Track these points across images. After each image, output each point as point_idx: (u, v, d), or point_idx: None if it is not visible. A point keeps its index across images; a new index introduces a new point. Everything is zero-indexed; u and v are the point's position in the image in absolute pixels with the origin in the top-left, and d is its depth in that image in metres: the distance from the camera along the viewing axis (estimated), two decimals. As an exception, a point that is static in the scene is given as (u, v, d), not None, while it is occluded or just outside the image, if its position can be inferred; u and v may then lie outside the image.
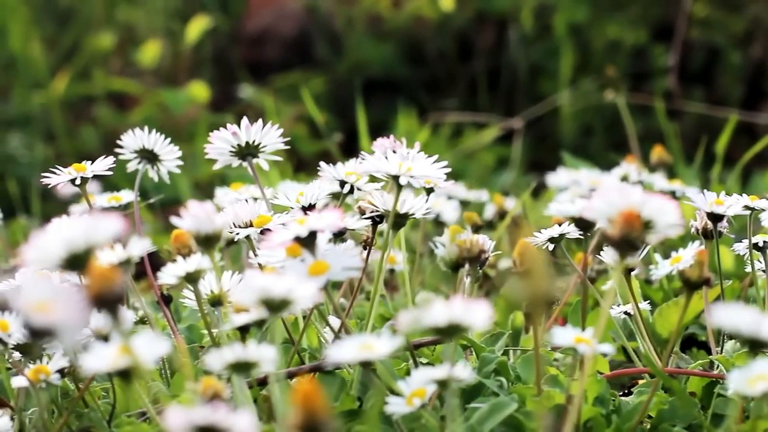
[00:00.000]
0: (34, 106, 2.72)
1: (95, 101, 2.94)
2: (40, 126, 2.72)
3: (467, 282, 1.34)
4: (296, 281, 0.95)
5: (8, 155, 2.58)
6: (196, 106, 2.75)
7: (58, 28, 3.18)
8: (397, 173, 1.20)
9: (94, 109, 2.92)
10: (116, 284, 0.81)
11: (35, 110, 2.71)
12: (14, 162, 2.59)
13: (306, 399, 0.80)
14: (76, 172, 1.28)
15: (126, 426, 1.16)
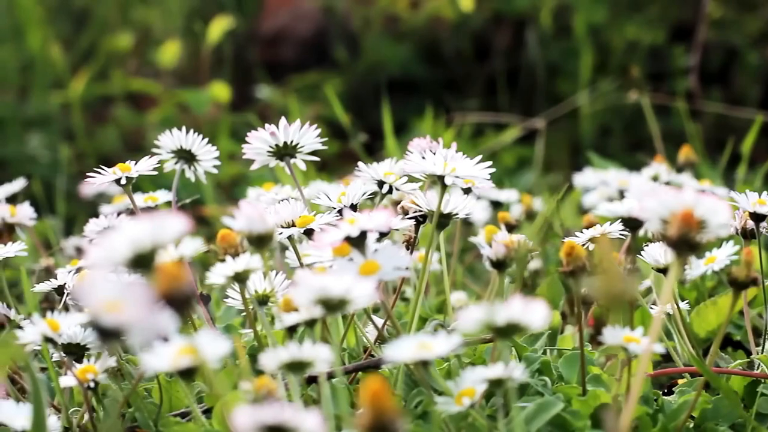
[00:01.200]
0: (53, 106, 2.73)
1: (112, 102, 2.94)
2: (59, 126, 2.73)
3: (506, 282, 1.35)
4: (354, 281, 0.95)
5: (29, 155, 2.58)
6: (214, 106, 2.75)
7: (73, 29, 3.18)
8: (443, 173, 1.20)
9: (111, 109, 2.92)
10: (185, 283, 0.81)
11: (54, 111, 2.71)
12: (35, 162, 2.60)
13: (375, 398, 0.80)
14: (121, 171, 1.28)
15: (173, 426, 1.17)
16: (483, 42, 2.98)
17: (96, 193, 2.22)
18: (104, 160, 2.77)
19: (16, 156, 2.60)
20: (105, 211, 1.76)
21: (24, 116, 2.63)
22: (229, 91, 2.61)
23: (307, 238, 1.27)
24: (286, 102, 2.80)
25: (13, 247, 1.34)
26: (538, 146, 2.24)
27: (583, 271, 1.14)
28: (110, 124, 2.81)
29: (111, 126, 2.78)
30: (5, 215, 1.56)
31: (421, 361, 0.96)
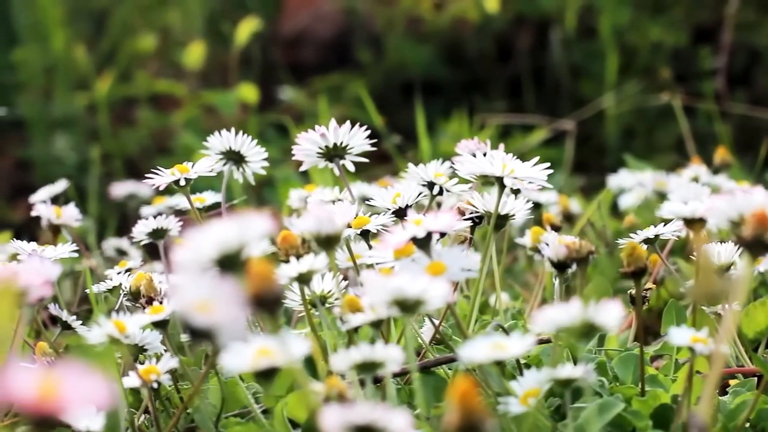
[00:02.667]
0: (77, 107, 2.73)
1: (135, 103, 2.94)
2: (84, 127, 2.73)
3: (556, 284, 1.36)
4: (429, 281, 0.95)
5: (55, 157, 2.58)
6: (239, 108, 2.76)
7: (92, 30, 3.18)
8: (501, 174, 1.20)
9: (134, 111, 2.92)
10: (275, 284, 0.82)
11: (79, 112, 2.71)
12: (61, 163, 2.60)
13: (463, 398, 0.81)
14: (179, 173, 1.28)
15: (234, 426, 1.17)
16: (505, 43, 2.98)
17: (126, 194, 2.22)
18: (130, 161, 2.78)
19: (42, 157, 2.61)
20: (146, 213, 1.76)
21: (49, 117, 2.63)
22: (256, 92, 2.61)
23: (362, 240, 1.28)
24: (309, 103, 2.80)
25: (64, 248, 1.34)
26: (567, 147, 2.25)
27: (645, 271, 1.14)
28: (135, 126, 2.82)
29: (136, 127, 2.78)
30: (51, 216, 1.56)
31: (495, 360, 0.96)
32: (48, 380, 0.64)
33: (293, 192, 1.69)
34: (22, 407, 0.65)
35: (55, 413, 0.65)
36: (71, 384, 0.64)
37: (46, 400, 0.64)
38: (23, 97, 2.68)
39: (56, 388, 0.64)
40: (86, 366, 0.65)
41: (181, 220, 1.47)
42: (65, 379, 0.65)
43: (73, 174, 2.67)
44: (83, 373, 0.65)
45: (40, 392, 0.64)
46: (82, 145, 2.65)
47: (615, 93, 2.65)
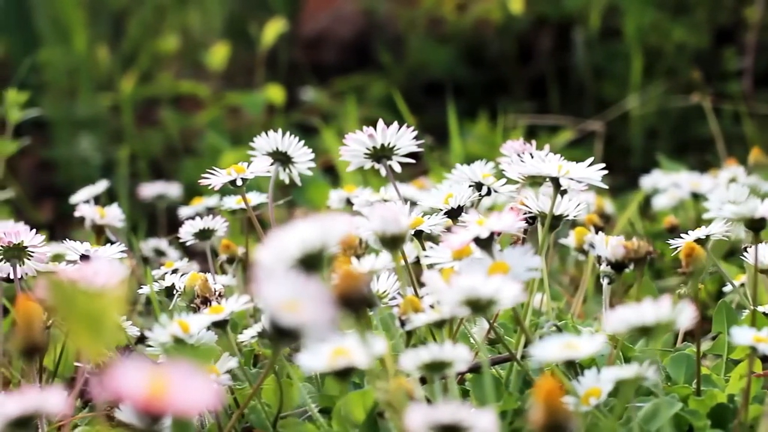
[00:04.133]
0: (101, 108, 2.73)
1: (157, 104, 2.94)
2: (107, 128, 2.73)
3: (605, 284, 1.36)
4: (503, 282, 0.96)
5: (80, 157, 2.59)
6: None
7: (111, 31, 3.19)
8: (557, 175, 1.21)
9: (156, 112, 2.92)
10: (363, 284, 0.82)
11: (102, 113, 2.72)
12: (86, 164, 2.60)
13: (549, 397, 0.81)
14: (236, 173, 1.29)
15: (292, 426, 1.17)
16: (526, 44, 2.99)
17: (154, 195, 2.22)
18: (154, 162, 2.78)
19: (66, 158, 2.61)
20: (184, 213, 1.76)
21: (73, 118, 2.63)
22: (283, 93, 2.61)
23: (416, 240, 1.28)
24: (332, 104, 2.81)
25: (114, 249, 1.34)
26: (596, 148, 2.25)
27: (703, 271, 1.15)
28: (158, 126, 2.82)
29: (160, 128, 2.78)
30: (95, 217, 1.56)
31: (567, 360, 0.97)
32: (157, 379, 0.65)
33: (333, 193, 1.70)
34: (132, 405, 0.65)
35: (164, 412, 0.65)
36: (179, 383, 0.65)
37: (155, 399, 0.64)
38: (46, 98, 2.68)
39: (165, 388, 0.64)
40: (191, 365, 0.66)
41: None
42: (174, 379, 0.65)
43: (98, 175, 2.68)
44: (190, 372, 0.65)
45: (150, 391, 0.64)
46: (106, 145, 2.66)
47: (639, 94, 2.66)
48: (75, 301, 0.62)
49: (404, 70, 2.98)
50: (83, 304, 0.62)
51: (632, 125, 2.66)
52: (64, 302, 0.62)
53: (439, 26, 3.01)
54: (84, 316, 0.62)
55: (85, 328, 0.62)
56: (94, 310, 0.62)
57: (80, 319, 0.62)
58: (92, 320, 0.62)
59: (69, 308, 0.62)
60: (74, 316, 0.62)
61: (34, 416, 0.82)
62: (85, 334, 0.62)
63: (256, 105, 2.57)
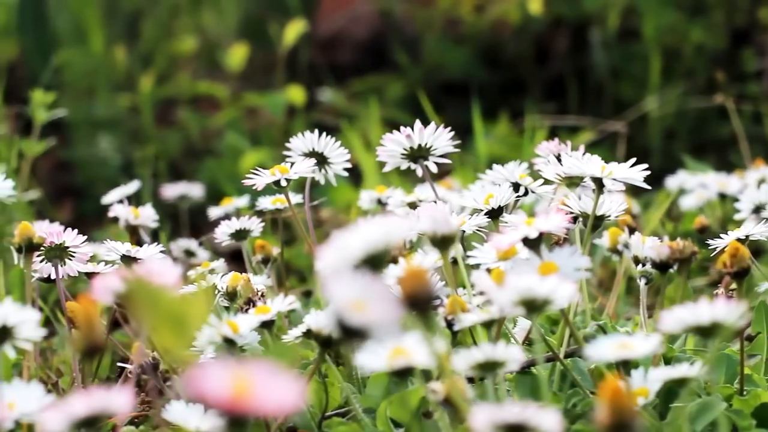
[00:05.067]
0: (119, 109, 2.73)
1: (174, 105, 2.95)
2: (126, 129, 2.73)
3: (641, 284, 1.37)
4: (558, 281, 0.96)
5: (100, 158, 2.59)
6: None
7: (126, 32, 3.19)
8: (600, 176, 1.21)
9: (173, 112, 2.93)
10: (430, 284, 0.82)
11: (121, 113, 2.72)
12: (105, 165, 2.60)
13: (615, 397, 0.81)
14: (280, 173, 1.29)
15: (338, 426, 1.18)
16: (543, 45, 2.99)
17: (177, 195, 2.22)
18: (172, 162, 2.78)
19: (85, 158, 2.61)
20: (214, 214, 1.76)
21: (91, 119, 2.63)
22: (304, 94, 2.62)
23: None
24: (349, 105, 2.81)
25: (152, 249, 1.34)
26: (619, 149, 2.26)
27: (748, 272, 1.15)
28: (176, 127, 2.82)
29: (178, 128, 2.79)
30: (129, 217, 1.57)
31: (622, 360, 0.97)
32: (241, 379, 0.65)
33: (363, 193, 1.70)
34: (215, 406, 0.66)
35: (249, 413, 0.66)
36: (263, 383, 0.65)
37: (239, 400, 0.64)
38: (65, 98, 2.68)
39: (249, 388, 0.65)
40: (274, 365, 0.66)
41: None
42: (257, 379, 0.65)
43: (117, 175, 2.68)
44: (274, 372, 0.65)
45: (234, 391, 0.64)
46: (125, 146, 2.66)
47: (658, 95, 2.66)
48: (159, 302, 0.62)
49: (421, 70, 2.98)
50: (167, 305, 0.62)
51: (651, 126, 2.66)
52: (147, 303, 0.62)
53: (456, 27, 3.01)
54: (168, 317, 0.62)
55: (170, 329, 0.62)
56: (179, 311, 0.62)
57: (164, 320, 0.62)
58: (176, 321, 0.62)
59: (153, 309, 0.62)
60: (158, 317, 0.62)
61: (101, 416, 0.82)
62: (170, 335, 0.62)
63: (277, 106, 2.57)
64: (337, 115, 2.82)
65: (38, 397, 0.97)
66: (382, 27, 3.13)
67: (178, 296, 0.63)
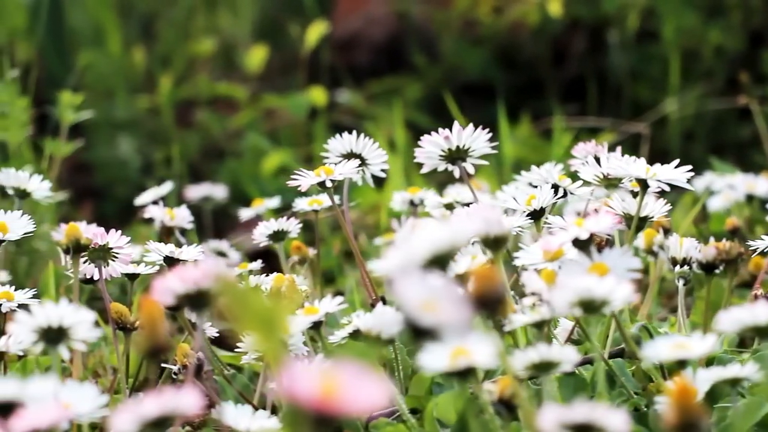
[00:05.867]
0: (139, 110, 2.74)
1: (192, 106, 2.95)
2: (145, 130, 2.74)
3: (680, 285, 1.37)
4: (616, 282, 0.97)
5: (120, 159, 2.59)
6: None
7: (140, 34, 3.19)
8: (645, 177, 1.22)
9: (191, 114, 2.93)
10: (500, 285, 0.83)
11: (140, 115, 2.72)
12: (125, 166, 2.61)
13: (681, 397, 0.82)
14: (325, 174, 1.29)
15: (385, 427, 1.18)
16: (559, 46, 3.00)
17: (201, 196, 2.22)
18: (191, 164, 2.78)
19: (105, 160, 2.62)
20: (244, 215, 1.77)
21: (111, 120, 2.64)
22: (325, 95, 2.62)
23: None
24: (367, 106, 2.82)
25: (195, 250, 1.34)
26: (643, 150, 2.26)
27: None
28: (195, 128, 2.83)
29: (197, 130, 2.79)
30: (165, 218, 1.57)
31: (679, 360, 0.97)
32: (329, 380, 0.65)
33: (396, 194, 1.70)
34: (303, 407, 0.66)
35: (336, 413, 0.66)
36: (350, 384, 0.65)
37: (328, 400, 0.65)
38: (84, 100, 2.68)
39: (337, 388, 0.65)
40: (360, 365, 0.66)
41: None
42: (345, 379, 0.65)
43: (138, 177, 2.68)
44: (361, 373, 0.66)
45: (322, 392, 0.65)
46: (145, 147, 2.66)
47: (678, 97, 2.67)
48: (250, 303, 0.62)
49: (438, 72, 2.98)
50: (258, 307, 0.62)
51: (670, 127, 2.67)
52: (238, 305, 0.62)
53: (473, 28, 3.02)
54: (259, 318, 0.62)
55: (261, 330, 0.63)
56: (268, 312, 0.62)
57: (255, 321, 0.62)
58: (267, 323, 0.63)
59: (244, 311, 0.62)
60: (249, 318, 0.62)
61: (171, 417, 0.83)
62: (261, 337, 0.63)
63: (299, 107, 2.58)
64: (356, 117, 2.82)
65: (93, 398, 0.98)
66: (399, 29, 3.13)
67: (267, 298, 0.63)
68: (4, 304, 1.35)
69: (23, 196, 1.51)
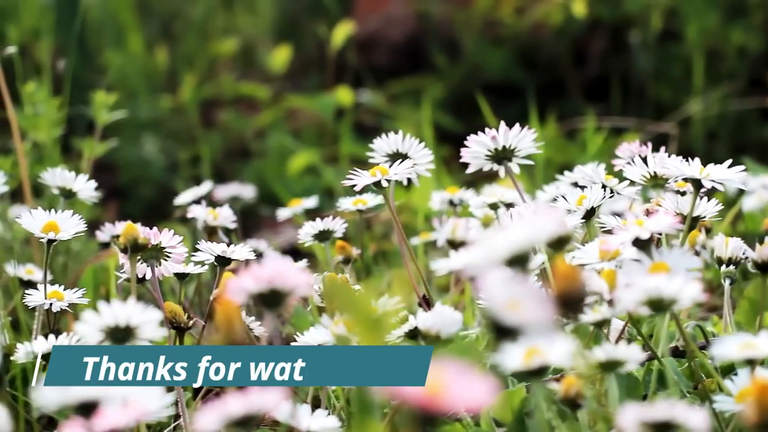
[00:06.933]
0: (162, 110, 2.74)
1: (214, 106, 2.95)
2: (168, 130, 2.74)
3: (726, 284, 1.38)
4: (684, 281, 0.97)
5: (145, 159, 2.60)
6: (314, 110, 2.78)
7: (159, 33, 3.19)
8: (699, 177, 1.23)
9: (213, 114, 2.93)
10: (582, 285, 0.83)
11: (164, 114, 2.73)
12: (149, 166, 2.61)
13: (762, 395, 0.82)
14: (380, 174, 1.30)
15: (444, 426, 1.18)
16: (580, 47, 3.00)
17: (229, 196, 2.22)
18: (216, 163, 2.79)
19: (130, 159, 2.62)
20: (282, 215, 1.77)
21: (134, 120, 2.64)
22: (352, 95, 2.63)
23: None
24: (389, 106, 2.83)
25: (245, 249, 1.35)
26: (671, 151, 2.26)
27: None
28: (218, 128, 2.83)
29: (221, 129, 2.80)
30: (208, 218, 1.57)
31: (748, 359, 0.98)
32: (434, 379, 0.66)
33: (435, 194, 1.71)
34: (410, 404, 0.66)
35: (442, 411, 0.66)
36: (456, 382, 0.66)
37: (434, 398, 0.65)
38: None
39: (443, 387, 0.65)
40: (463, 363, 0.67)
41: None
42: (451, 378, 0.66)
43: (162, 176, 2.69)
44: (466, 371, 0.66)
45: (429, 390, 0.65)
46: (169, 147, 2.67)
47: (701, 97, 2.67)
48: (356, 302, 0.63)
49: (459, 72, 2.99)
50: (363, 306, 0.63)
51: (694, 128, 2.68)
52: (346, 305, 0.63)
53: (494, 28, 3.02)
54: (364, 316, 0.63)
55: (367, 327, 0.63)
56: (374, 311, 0.63)
57: (361, 319, 0.63)
58: (373, 320, 0.63)
59: (351, 309, 0.63)
60: (356, 316, 0.63)
61: (256, 416, 0.83)
62: (367, 334, 0.63)
63: (327, 107, 2.58)
64: (378, 117, 2.83)
65: (159, 397, 0.98)
66: (418, 29, 3.14)
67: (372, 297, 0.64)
68: (55, 303, 1.36)
69: (68, 195, 1.52)
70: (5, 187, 1.60)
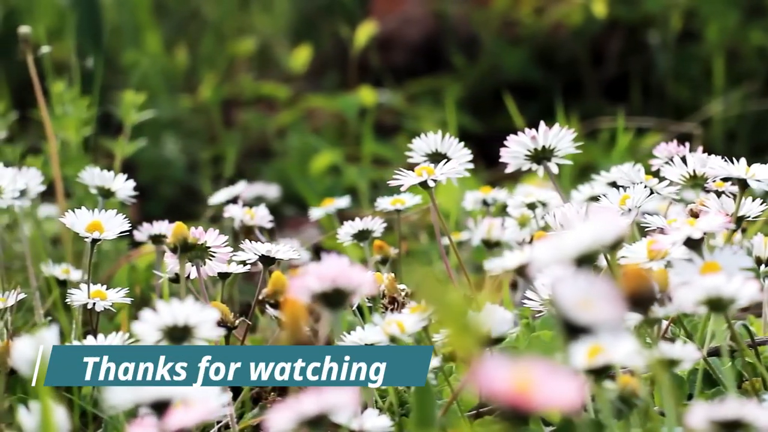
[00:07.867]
0: (182, 110, 2.75)
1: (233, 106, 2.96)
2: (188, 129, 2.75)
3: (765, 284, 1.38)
4: (743, 281, 0.98)
5: (165, 158, 2.60)
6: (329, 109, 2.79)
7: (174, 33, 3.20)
8: (744, 177, 1.23)
9: (233, 113, 2.94)
10: (651, 284, 0.84)
11: (184, 114, 2.73)
12: (170, 165, 2.61)
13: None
14: (427, 174, 1.30)
15: (490, 425, 1.19)
16: (598, 47, 3.01)
17: (254, 196, 2.23)
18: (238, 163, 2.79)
19: (150, 159, 2.62)
20: (314, 215, 1.77)
21: (154, 119, 2.64)
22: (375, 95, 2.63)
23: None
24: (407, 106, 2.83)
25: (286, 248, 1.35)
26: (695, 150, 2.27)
27: None
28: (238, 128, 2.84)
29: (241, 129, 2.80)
30: (245, 218, 1.58)
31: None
32: (522, 376, 0.66)
33: (468, 194, 1.71)
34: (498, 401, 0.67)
35: (530, 409, 0.67)
36: (545, 380, 0.66)
37: (522, 396, 0.66)
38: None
39: (532, 384, 0.66)
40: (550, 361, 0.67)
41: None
42: (539, 376, 0.66)
43: (183, 176, 2.69)
44: (553, 368, 0.67)
45: (517, 387, 0.66)
46: (189, 147, 2.67)
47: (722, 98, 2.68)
48: (448, 302, 0.63)
49: (477, 72, 2.99)
50: (456, 305, 0.63)
51: (714, 128, 2.68)
52: (437, 303, 0.64)
53: (512, 28, 3.03)
54: (456, 316, 0.63)
55: (457, 328, 0.64)
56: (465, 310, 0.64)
57: (453, 319, 0.63)
58: (464, 320, 0.64)
59: (443, 309, 0.63)
60: (448, 316, 0.63)
61: (327, 415, 0.84)
62: (457, 334, 0.64)
63: (351, 107, 2.59)
64: (397, 116, 2.83)
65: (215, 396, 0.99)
66: (435, 29, 3.14)
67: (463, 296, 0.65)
68: (98, 303, 1.36)
69: (107, 195, 1.52)
70: (42, 187, 1.61)
